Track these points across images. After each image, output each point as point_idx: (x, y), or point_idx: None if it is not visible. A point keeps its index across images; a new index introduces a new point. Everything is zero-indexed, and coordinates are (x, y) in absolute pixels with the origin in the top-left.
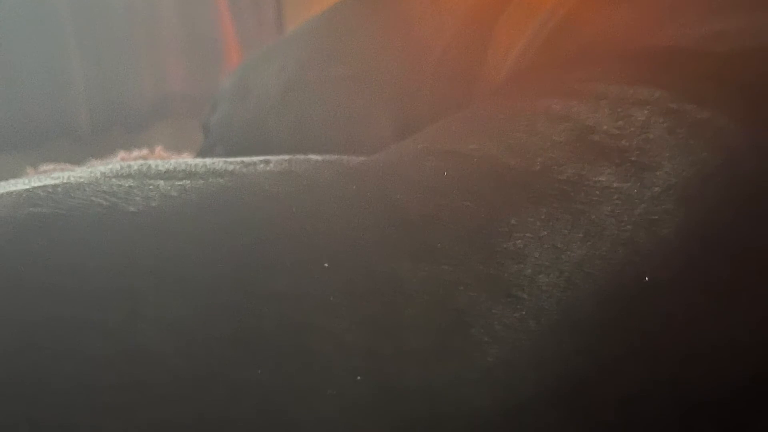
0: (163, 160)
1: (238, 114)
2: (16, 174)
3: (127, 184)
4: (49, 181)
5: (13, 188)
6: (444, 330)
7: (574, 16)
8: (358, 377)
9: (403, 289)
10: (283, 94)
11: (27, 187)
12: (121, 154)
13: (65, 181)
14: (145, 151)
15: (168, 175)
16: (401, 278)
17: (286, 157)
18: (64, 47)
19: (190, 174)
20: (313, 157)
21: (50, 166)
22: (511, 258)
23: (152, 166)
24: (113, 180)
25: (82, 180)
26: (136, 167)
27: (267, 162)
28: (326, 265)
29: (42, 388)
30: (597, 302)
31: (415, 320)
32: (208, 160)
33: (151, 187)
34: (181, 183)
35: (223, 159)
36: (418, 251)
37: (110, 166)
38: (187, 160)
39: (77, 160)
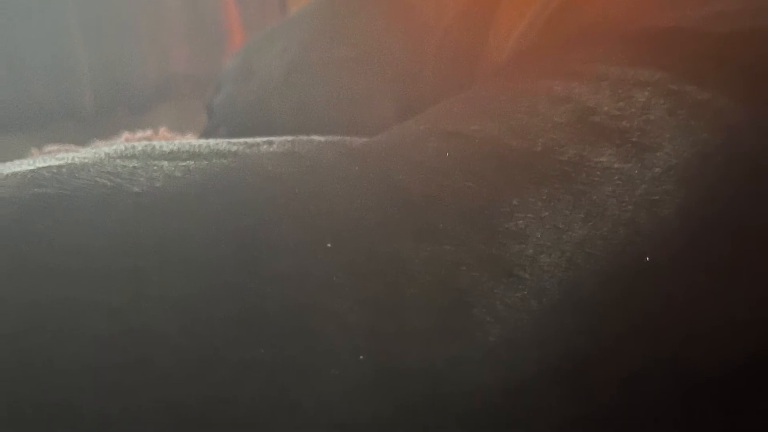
0: (167, 140)
1: (241, 95)
2: (20, 155)
3: (131, 165)
4: (53, 162)
5: (17, 169)
6: (446, 310)
7: None
8: (361, 357)
9: (405, 269)
10: (286, 76)
11: (32, 167)
12: (126, 134)
13: (70, 161)
14: (149, 132)
15: (172, 155)
16: (403, 258)
17: (289, 137)
18: (68, 29)
19: (193, 155)
20: (315, 137)
21: (55, 147)
22: (513, 238)
23: (156, 146)
24: (117, 161)
25: (86, 161)
26: (140, 148)
27: (270, 143)
28: (329, 245)
29: (46, 369)
30: (598, 282)
31: (417, 300)
32: (211, 141)
33: (155, 167)
34: (185, 164)
35: (227, 140)
36: (420, 231)
37: (114, 147)
38: (190, 141)
39: (82, 141)
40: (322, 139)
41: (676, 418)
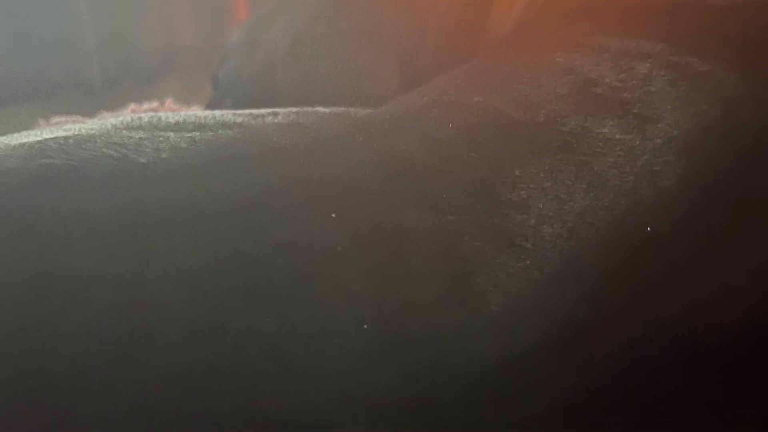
0: (173, 112)
1: (246, 67)
2: (28, 126)
3: (137, 136)
4: (60, 133)
5: (25, 140)
6: (449, 279)
7: None
8: (365, 326)
9: (408, 238)
10: (291, 48)
11: (39, 138)
12: (132, 106)
13: (77, 132)
14: (155, 104)
15: (178, 126)
16: (407, 228)
17: (294, 109)
18: (75, 1)
19: (199, 126)
20: (320, 109)
21: (62, 118)
22: (516, 208)
23: (162, 118)
24: (124, 132)
25: (93, 132)
26: (146, 119)
27: (275, 114)
28: (333, 215)
29: (53, 338)
30: (600, 252)
31: (421, 269)
32: (217, 112)
33: (161, 138)
34: (190, 135)
35: (232, 111)
36: (424, 201)
37: (121, 118)
38: (196, 113)
39: (88, 113)
40: (326, 110)
41: (677, 385)
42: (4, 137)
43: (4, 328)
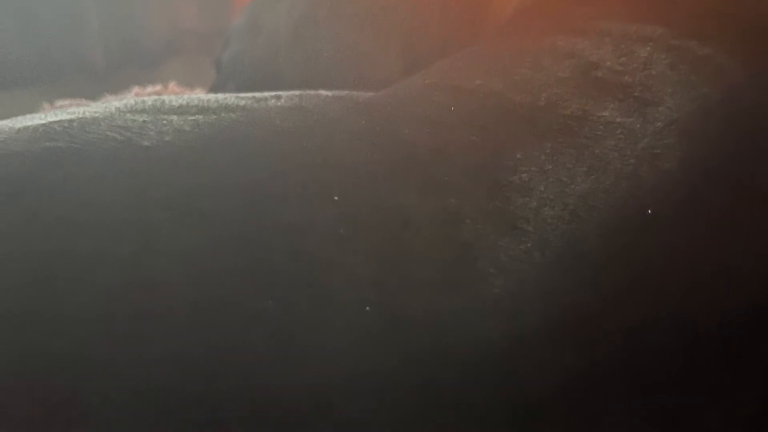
0: (176, 95)
1: (249, 51)
2: (32, 109)
3: (141, 119)
4: (65, 116)
5: (29, 123)
6: (451, 262)
7: None
8: (367, 308)
9: (410, 221)
10: (293, 31)
11: (43, 121)
12: (136, 89)
13: (81, 116)
14: (158, 87)
15: (181, 110)
16: (409, 211)
17: (297, 92)
18: None
19: (202, 109)
20: (323, 92)
21: (66, 102)
22: (517, 191)
23: (166, 101)
24: (128, 115)
25: (97, 115)
26: (150, 102)
27: (278, 97)
28: (336, 198)
29: (55, 319)
30: (601, 235)
31: (423, 252)
32: (220, 96)
33: (164, 121)
34: (194, 118)
35: (235, 94)
36: (426, 185)
37: (125, 102)
38: (200, 96)
39: (92, 96)
40: (329, 93)
41: (679, 369)
42: (8, 120)
43: (8, 311)
